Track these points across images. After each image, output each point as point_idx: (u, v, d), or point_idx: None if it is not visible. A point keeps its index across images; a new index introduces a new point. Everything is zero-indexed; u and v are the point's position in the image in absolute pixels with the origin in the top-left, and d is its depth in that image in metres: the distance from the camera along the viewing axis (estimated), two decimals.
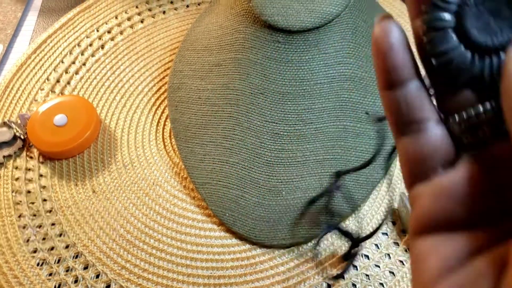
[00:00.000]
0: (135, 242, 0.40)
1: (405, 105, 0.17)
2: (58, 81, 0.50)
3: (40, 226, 0.41)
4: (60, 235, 0.41)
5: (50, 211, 0.42)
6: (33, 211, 0.42)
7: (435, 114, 0.17)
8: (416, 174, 0.17)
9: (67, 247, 0.40)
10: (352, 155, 0.41)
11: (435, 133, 0.17)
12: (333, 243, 0.40)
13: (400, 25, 0.17)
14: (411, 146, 0.17)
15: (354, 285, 0.38)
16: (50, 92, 0.49)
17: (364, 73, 0.42)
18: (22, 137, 0.45)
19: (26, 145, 0.46)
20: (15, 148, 0.45)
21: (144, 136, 0.47)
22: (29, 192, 0.43)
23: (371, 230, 0.40)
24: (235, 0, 0.43)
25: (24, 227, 0.41)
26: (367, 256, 0.40)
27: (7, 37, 0.55)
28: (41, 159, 0.45)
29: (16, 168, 0.44)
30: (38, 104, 0.49)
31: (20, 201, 0.42)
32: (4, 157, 0.45)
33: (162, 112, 0.48)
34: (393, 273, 0.39)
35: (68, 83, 0.50)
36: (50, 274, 0.39)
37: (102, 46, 0.53)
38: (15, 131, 0.46)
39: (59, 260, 0.39)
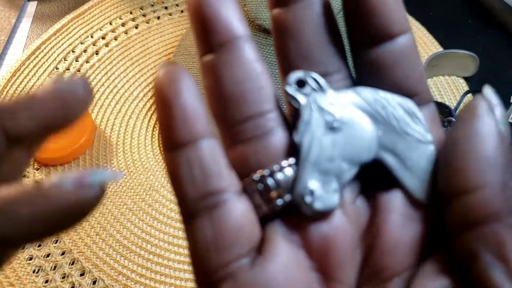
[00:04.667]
0: (131, 247, 0.40)
1: (199, 171, 0.14)
2: None
3: None
4: (56, 241, 0.40)
5: None
6: None
7: (236, 180, 0.14)
8: (213, 268, 0.14)
9: (63, 253, 0.40)
10: None
11: (236, 208, 0.14)
12: None
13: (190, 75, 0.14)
14: (207, 231, 0.13)
15: None
16: None
17: None
18: None
19: None
20: None
21: (140, 141, 0.46)
22: None
23: None
24: None
25: None
26: None
27: (1, 44, 0.55)
28: (36, 166, 0.45)
29: None
30: None
31: None
32: None
33: None
34: None
35: None
36: (46, 281, 0.38)
37: (97, 52, 0.53)
38: None
39: (55, 267, 0.39)
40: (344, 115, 0.14)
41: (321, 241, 0.14)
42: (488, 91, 0.13)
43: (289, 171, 0.14)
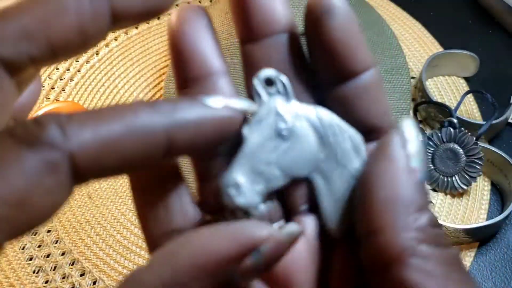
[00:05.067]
0: (132, 248, 0.40)
1: (163, 212, 0.15)
2: (52, 87, 0.50)
3: (35, 233, 0.41)
4: (56, 242, 0.40)
5: None
6: None
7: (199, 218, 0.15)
8: None
9: (63, 254, 0.40)
10: None
11: None
12: None
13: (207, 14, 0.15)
14: None
15: None
16: (44, 98, 0.49)
17: None
18: None
19: None
20: None
21: None
22: None
23: None
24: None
25: None
26: None
27: None
28: None
29: None
30: (32, 111, 0.48)
31: None
32: None
33: None
34: None
35: (63, 89, 0.50)
36: (47, 282, 0.38)
37: (97, 53, 0.53)
38: None
39: (55, 267, 0.39)
40: (296, 127, 0.15)
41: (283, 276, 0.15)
42: (407, 122, 0.13)
43: (254, 211, 0.15)
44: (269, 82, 0.15)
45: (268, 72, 0.15)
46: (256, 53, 0.15)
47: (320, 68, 0.15)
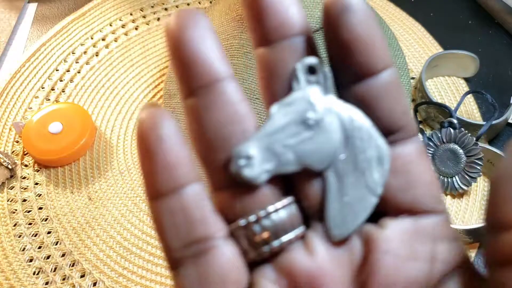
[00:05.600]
0: (132, 249, 0.40)
1: (183, 220, 0.13)
2: (52, 89, 0.50)
3: (36, 235, 0.41)
4: (57, 243, 0.40)
5: (46, 219, 0.42)
6: (28, 219, 0.42)
7: (222, 225, 0.14)
8: None
9: (63, 255, 0.40)
10: None
11: (221, 255, 0.14)
12: None
13: (171, 116, 0.14)
14: (192, 280, 0.13)
15: None
16: (44, 100, 0.49)
17: None
18: (9, 166, 0.43)
19: (14, 174, 0.44)
20: (2, 179, 0.43)
21: None
22: (24, 200, 0.43)
23: None
24: (230, 5, 0.43)
25: (19, 236, 0.41)
26: None
27: (1, 46, 0.55)
28: (36, 167, 0.45)
29: (11, 177, 0.44)
30: (32, 112, 0.48)
31: (16, 210, 0.42)
32: None
33: None
34: None
35: (63, 90, 0.50)
36: (47, 283, 0.38)
37: (97, 54, 0.53)
38: (1, 160, 0.43)
39: (55, 269, 0.39)
40: (325, 121, 0.14)
41: (310, 285, 0.14)
42: None
43: (275, 217, 0.14)
44: (311, 70, 0.14)
45: (312, 60, 0.14)
46: (271, 56, 0.14)
47: (338, 67, 0.15)
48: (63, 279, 0.39)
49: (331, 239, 0.14)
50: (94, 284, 0.38)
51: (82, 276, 0.39)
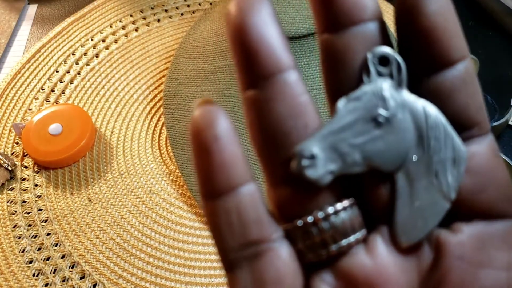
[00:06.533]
0: (132, 251, 0.40)
1: (238, 221, 0.13)
2: (52, 90, 0.50)
3: (35, 236, 0.41)
4: (56, 244, 0.40)
5: (45, 221, 0.42)
6: (28, 221, 0.41)
7: (277, 227, 0.14)
8: None
9: (63, 257, 0.40)
10: None
11: (276, 258, 0.13)
12: None
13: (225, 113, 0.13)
14: (247, 283, 0.13)
15: None
16: (44, 101, 0.49)
17: None
18: (9, 168, 0.43)
19: (14, 176, 0.44)
20: (2, 180, 0.43)
21: (140, 144, 0.46)
22: (24, 202, 0.43)
23: None
24: None
25: (19, 238, 0.41)
26: None
27: (1, 47, 0.55)
28: (36, 169, 0.45)
29: (11, 178, 0.44)
30: (32, 113, 0.48)
31: (15, 211, 0.42)
32: None
33: (158, 120, 0.48)
34: None
35: (63, 92, 0.50)
36: (47, 285, 0.38)
37: (97, 55, 0.53)
38: (1, 162, 0.43)
39: (55, 270, 0.39)
40: (397, 118, 0.13)
41: None
42: None
43: (335, 219, 0.13)
44: (384, 61, 0.13)
45: (385, 49, 0.13)
46: (339, 44, 0.13)
47: (413, 58, 0.13)
48: (63, 281, 0.38)
49: (398, 245, 0.14)
50: (94, 285, 0.38)
51: (82, 277, 0.39)
